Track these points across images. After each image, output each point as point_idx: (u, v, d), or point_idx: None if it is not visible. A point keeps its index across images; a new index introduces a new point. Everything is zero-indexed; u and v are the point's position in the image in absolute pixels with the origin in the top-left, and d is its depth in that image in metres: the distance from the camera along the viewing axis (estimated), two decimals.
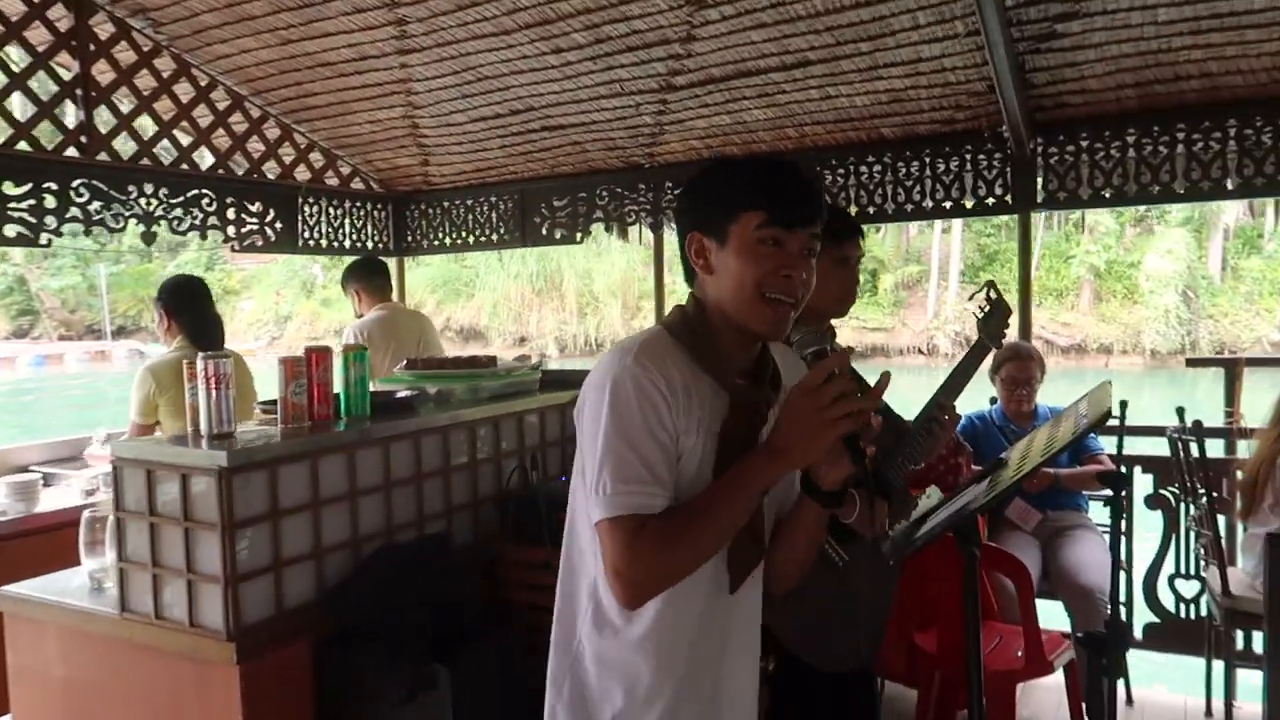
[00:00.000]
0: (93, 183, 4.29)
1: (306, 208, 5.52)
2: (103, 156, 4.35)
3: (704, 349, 1.49)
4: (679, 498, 1.43)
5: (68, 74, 4.26)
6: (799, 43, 4.04)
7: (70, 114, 4.34)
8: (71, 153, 4.24)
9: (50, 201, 4.14)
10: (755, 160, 1.54)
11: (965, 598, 1.74)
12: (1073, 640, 3.36)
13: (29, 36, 4.10)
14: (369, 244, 6.01)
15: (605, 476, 1.39)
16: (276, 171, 5.37)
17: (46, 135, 4.17)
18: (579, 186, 5.50)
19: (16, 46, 4.09)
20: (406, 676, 2.53)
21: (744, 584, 1.55)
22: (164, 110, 4.73)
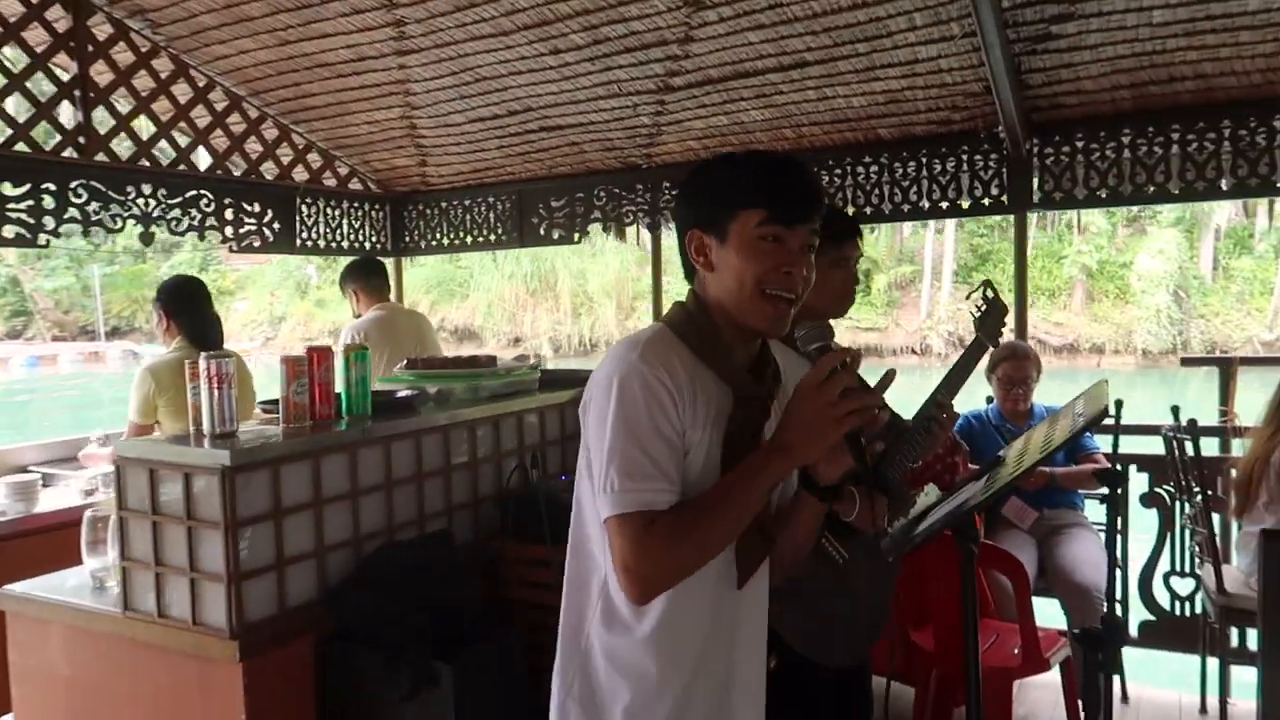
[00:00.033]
0: (91, 183, 4.30)
1: (304, 208, 5.53)
2: (101, 157, 4.36)
3: (707, 345, 1.51)
4: (687, 493, 1.44)
5: (66, 75, 4.27)
6: (796, 44, 4.06)
7: (65, 113, 4.34)
8: (70, 153, 4.24)
9: (49, 202, 4.15)
10: (755, 157, 1.55)
11: (963, 594, 1.75)
12: (1069, 637, 3.38)
13: (27, 37, 4.12)
14: (367, 244, 6.02)
15: (613, 474, 1.40)
16: (274, 172, 5.38)
17: (44, 136, 4.18)
18: (577, 187, 5.52)
19: (14, 47, 4.09)
20: (408, 674, 2.54)
21: (751, 578, 1.56)
22: (162, 111, 4.74)
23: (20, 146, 4.07)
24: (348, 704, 2.61)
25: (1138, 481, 4.26)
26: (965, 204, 4.54)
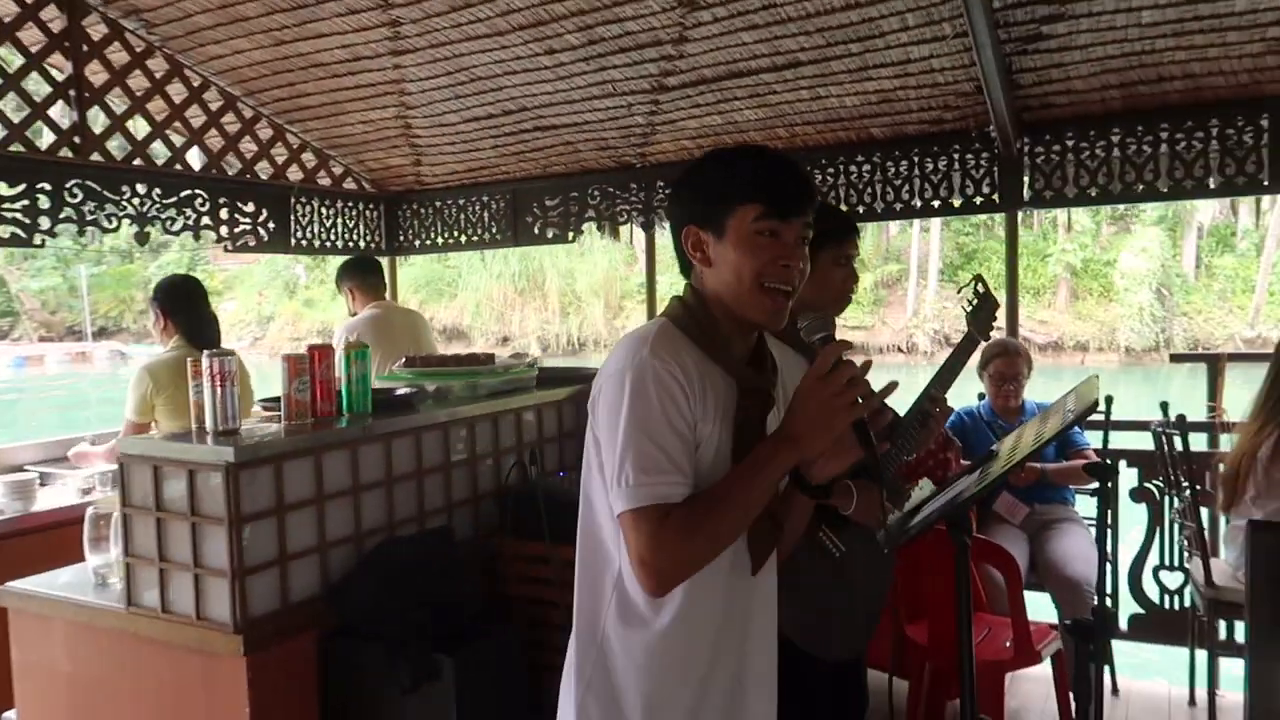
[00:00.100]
0: (86, 183, 4.30)
1: (299, 207, 5.54)
2: (96, 157, 4.35)
3: (710, 339, 1.53)
4: (699, 485, 1.46)
5: (61, 75, 4.27)
6: (790, 44, 4.09)
7: (57, 112, 4.34)
8: (65, 153, 4.24)
9: (44, 202, 4.15)
10: (748, 153, 1.57)
11: (957, 585, 1.79)
12: (1060, 630, 3.42)
13: (22, 37, 4.11)
14: (361, 244, 6.02)
15: (628, 469, 1.41)
16: (269, 172, 5.38)
17: (38, 136, 4.18)
18: (571, 186, 5.54)
19: (9, 47, 4.09)
20: (409, 669, 2.56)
21: (763, 566, 1.59)
22: (157, 111, 4.75)
23: (16, 146, 4.07)
24: (350, 698, 2.64)
25: (1127, 477, 4.30)
26: (957, 203, 4.57)
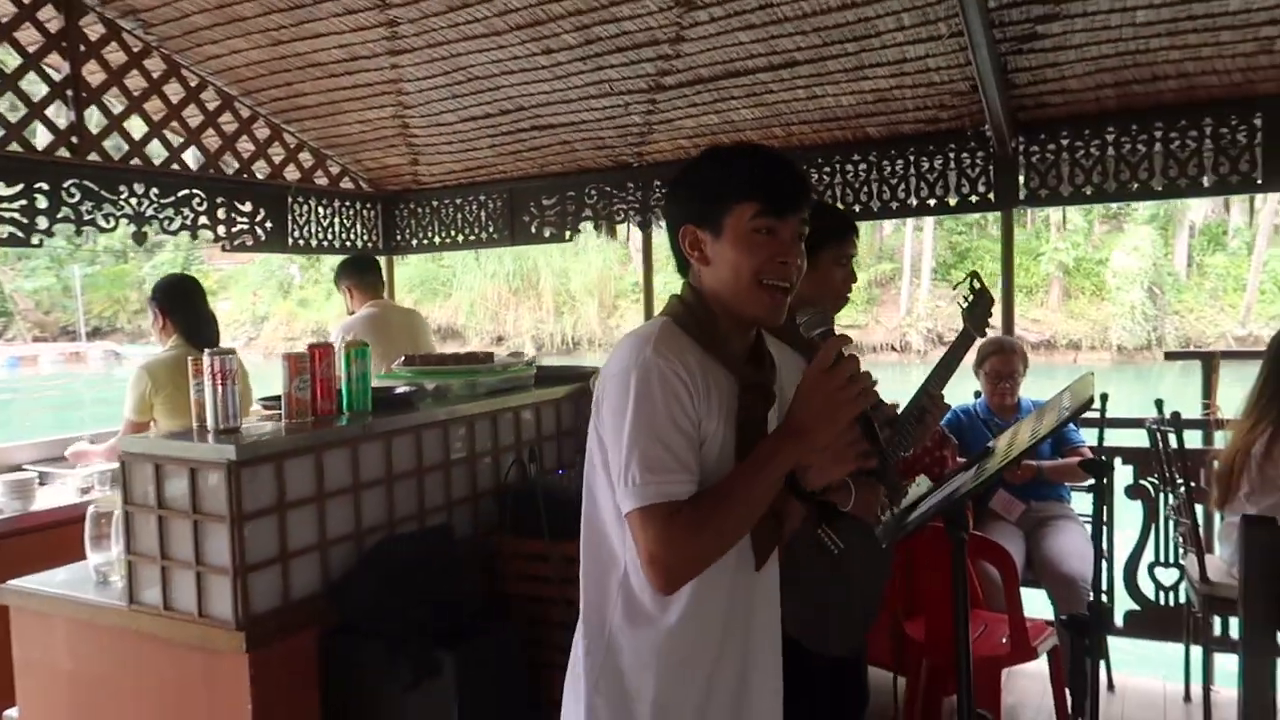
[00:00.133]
0: (84, 183, 4.30)
1: (296, 207, 5.54)
2: (93, 157, 4.35)
3: (710, 337, 1.54)
4: (704, 482, 1.47)
5: (58, 75, 4.26)
6: (786, 43, 4.10)
7: (54, 112, 4.33)
8: (62, 153, 4.24)
9: (41, 202, 4.14)
10: (744, 151, 1.58)
11: (954, 580, 1.81)
12: (1056, 626, 3.44)
13: (19, 37, 4.11)
14: (358, 243, 6.03)
15: (634, 468, 1.42)
16: (266, 171, 5.38)
17: (36, 136, 4.18)
18: (568, 185, 5.55)
19: (6, 47, 4.09)
20: (410, 665, 2.57)
21: (766, 562, 1.60)
22: (154, 111, 4.75)
23: (13, 146, 4.06)
24: (351, 694, 2.65)
25: (1123, 474, 4.33)
26: (953, 201, 4.59)
